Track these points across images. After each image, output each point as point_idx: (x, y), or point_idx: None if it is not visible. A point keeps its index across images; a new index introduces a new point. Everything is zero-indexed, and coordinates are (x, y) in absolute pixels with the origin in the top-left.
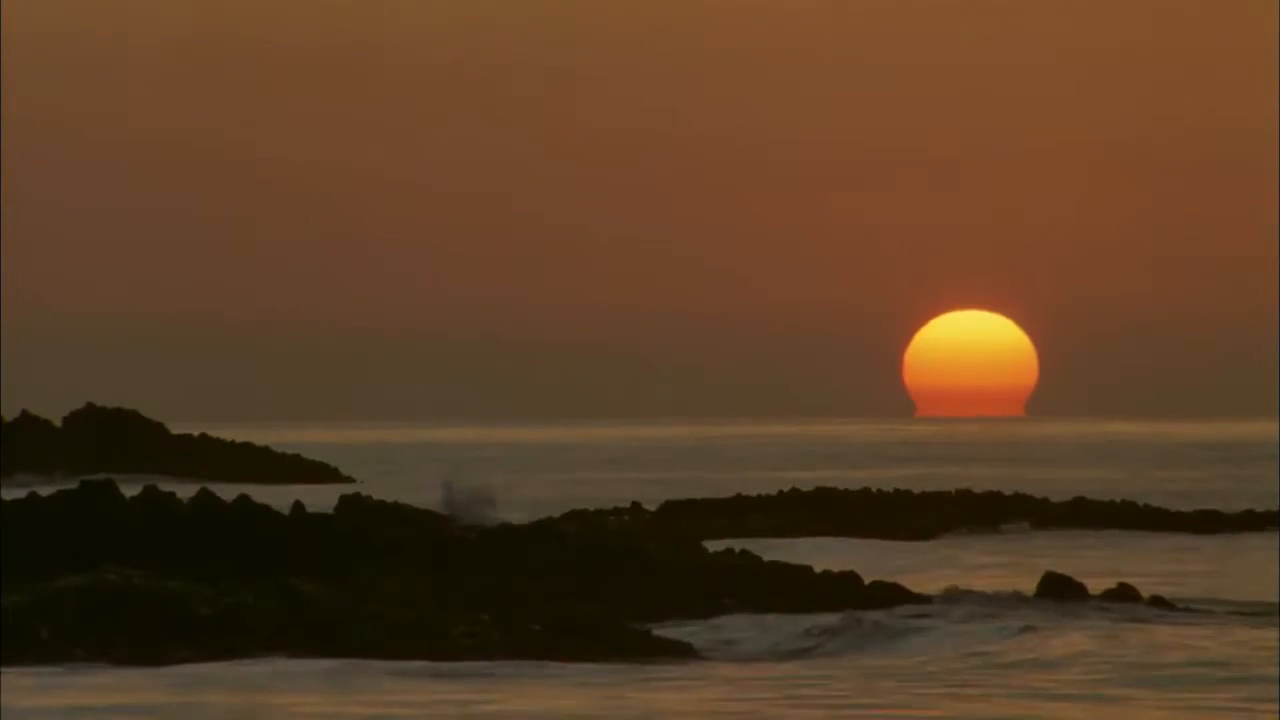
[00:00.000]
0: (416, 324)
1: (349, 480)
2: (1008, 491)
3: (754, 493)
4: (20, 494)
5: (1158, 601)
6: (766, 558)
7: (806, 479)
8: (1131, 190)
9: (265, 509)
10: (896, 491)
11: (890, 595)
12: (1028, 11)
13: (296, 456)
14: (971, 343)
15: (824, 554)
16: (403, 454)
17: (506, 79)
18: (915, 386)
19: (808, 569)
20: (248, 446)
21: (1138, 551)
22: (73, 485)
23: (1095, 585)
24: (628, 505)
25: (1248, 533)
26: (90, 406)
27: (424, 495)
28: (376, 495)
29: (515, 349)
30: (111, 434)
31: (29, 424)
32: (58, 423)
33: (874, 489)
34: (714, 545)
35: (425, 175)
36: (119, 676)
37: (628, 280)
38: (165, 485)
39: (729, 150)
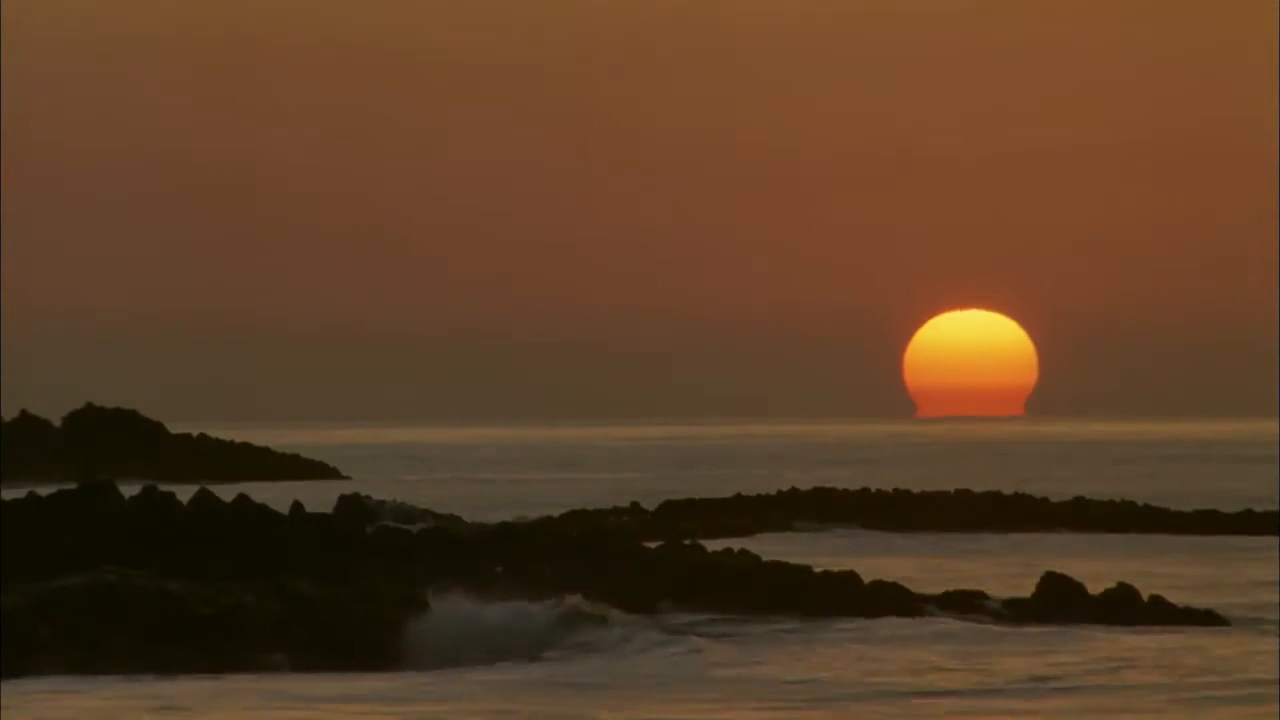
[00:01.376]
0: (416, 325)
1: (348, 480)
2: (1007, 491)
3: (753, 493)
4: (20, 494)
5: (1157, 601)
6: (765, 558)
7: (806, 479)
8: (1132, 191)
9: (264, 509)
10: (896, 491)
11: (890, 595)
12: (1029, 15)
13: (295, 456)
14: (972, 342)
15: (823, 554)
16: (403, 454)
17: (506, 81)
18: (915, 386)
19: (807, 569)
20: (247, 446)
21: (1137, 551)
22: (72, 485)
23: (1094, 585)
24: (627, 505)
25: (1247, 532)
26: (89, 406)
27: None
28: (376, 495)
29: (516, 350)
30: (110, 434)
31: (28, 424)
32: (57, 423)
33: (873, 489)
34: (713, 545)
35: (425, 178)
36: (117, 683)
37: (628, 281)
38: (164, 485)
39: (729, 151)
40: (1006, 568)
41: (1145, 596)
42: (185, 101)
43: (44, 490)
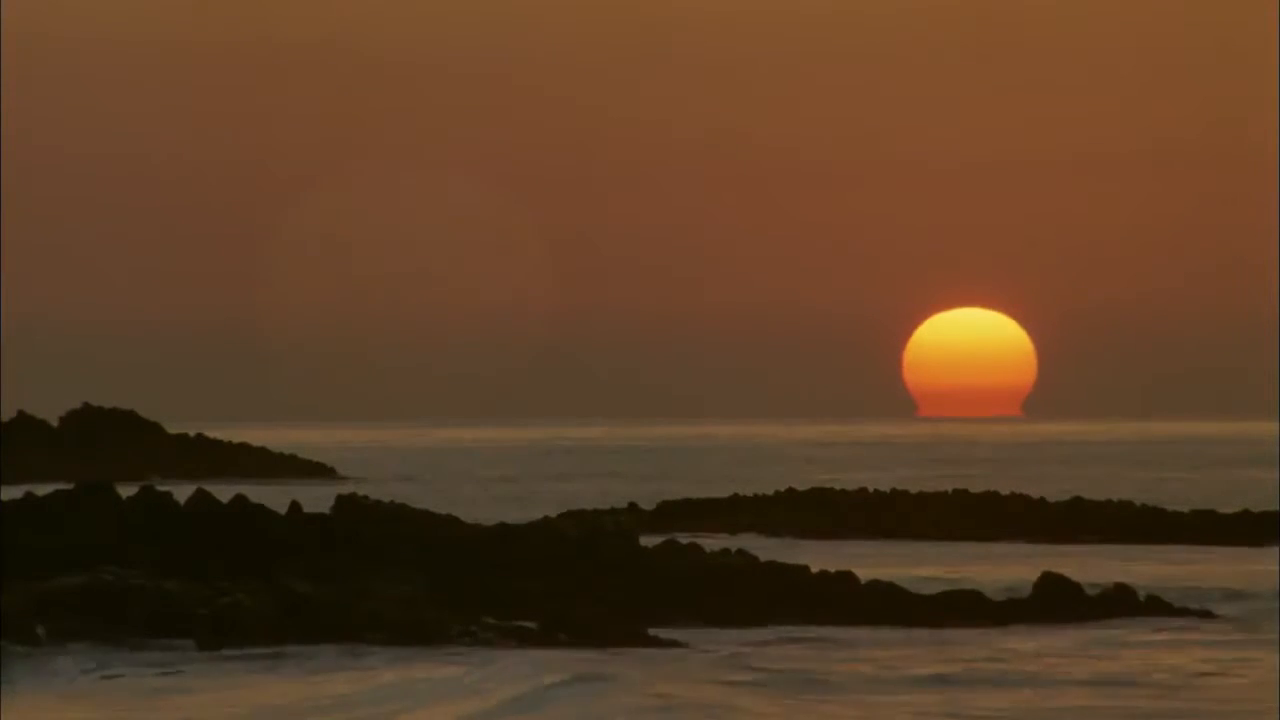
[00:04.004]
0: (418, 325)
1: (346, 480)
2: (1005, 491)
3: (751, 493)
4: (17, 494)
5: (1154, 601)
6: (763, 558)
7: (804, 479)
8: (1132, 191)
9: (262, 509)
10: (894, 491)
11: (887, 595)
12: (1029, 17)
13: (293, 456)
14: (971, 341)
15: (821, 553)
16: (401, 453)
17: (503, 84)
18: (915, 386)
19: (804, 568)
20: (244, 446)
21: (1134, 551)
22: (70, 485)
23: (1092, 585)
24: (625, 505)
25: (1245, 533)
26: (87, 406)
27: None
28: (373, 495)
29: (515, 350)
30: (108, 434)
31: (26, 424)
32: (54, 423)
33: (870, 489)
34: (711, 545)
35: (420, 179)
36: (116, 683)
37: (627, 282)
38: (162, 485)
39: (729, 151)
40: (1004, 567)
41: (1143, 597)
42: (183, 105)
43: (42, 490)
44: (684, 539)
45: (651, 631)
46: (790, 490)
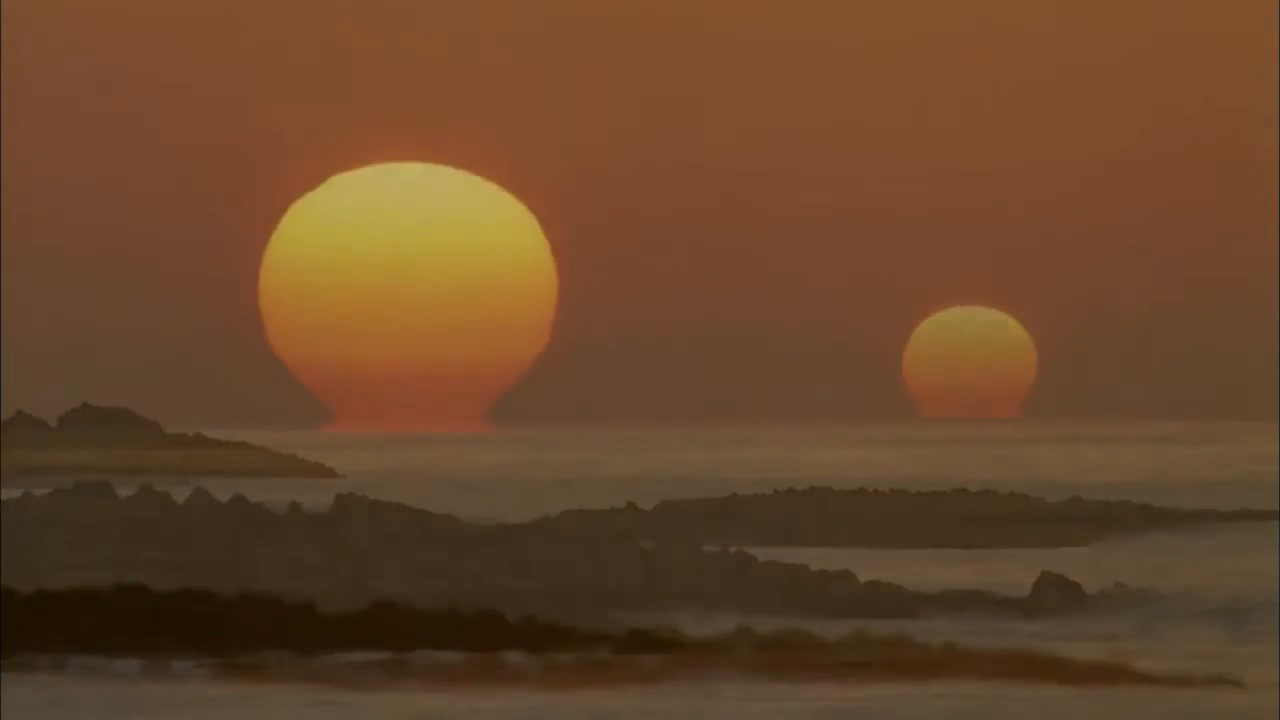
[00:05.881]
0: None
1: (346, 479)
2: (1004, 491)
3: (750, 493)
4: (17, 494)
5: (1153, 601)
6: (762, 558)
7: (803, 479)
8: (1131, 191)
9: (261, 509)
10: (893, 491)
11: (886, 594)
12: (1029, 16)
13: (293, 456)
14: (971, 341)
15: (820, 553)
16: (401, 453)
17: (522, 83)
18: (915, 386)
19: (803, 568)
20: (243, 446)
21: (1133, 551)
22: (68, 485)
23: (1090, 584)
24: (624, 505)
25: (1243, 532)
26: (85, 406)
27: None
28: (373, 495)
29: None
30: (107, 434)
31: (25, 424)
32: (53, 423)
33: (870, 489)
34: (710, 545)
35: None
36: (115, 681)
37: (627, 282)
38: (160, 485)
39: (728, 148)
40: (1003, 566)
41: (1142, 596)
42: (187, 104)
43: (40, 490)
44: (683, 539)
45: (650, 630)
46: (790, 490)
